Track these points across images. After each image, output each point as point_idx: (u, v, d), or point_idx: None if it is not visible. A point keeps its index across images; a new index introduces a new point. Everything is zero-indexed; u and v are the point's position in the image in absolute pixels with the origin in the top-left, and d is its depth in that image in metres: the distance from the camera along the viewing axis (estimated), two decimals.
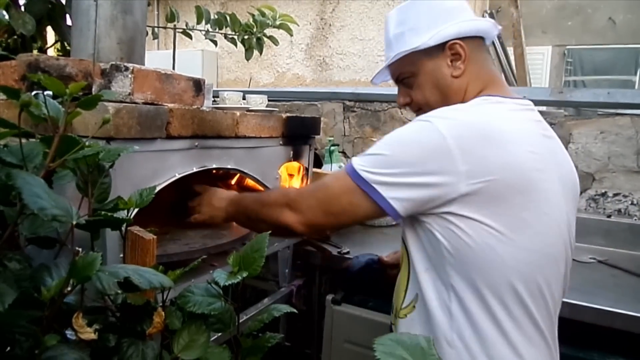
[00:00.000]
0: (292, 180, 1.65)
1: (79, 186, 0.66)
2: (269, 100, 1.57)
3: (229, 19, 1.96)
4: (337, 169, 2.16)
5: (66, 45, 1.76)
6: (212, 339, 0.90)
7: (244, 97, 1.51)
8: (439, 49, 0.95)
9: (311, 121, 1.60)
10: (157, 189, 0.80)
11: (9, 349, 0.51)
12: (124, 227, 0.74)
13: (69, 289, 0.52)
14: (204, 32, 1.99)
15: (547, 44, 6.71)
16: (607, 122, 2.00)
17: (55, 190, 0.55)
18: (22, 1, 1.47)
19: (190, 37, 2.04)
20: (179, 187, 1.14)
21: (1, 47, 1.68)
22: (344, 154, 2.57)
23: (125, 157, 0.72)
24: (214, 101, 1.51)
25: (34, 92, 0.86)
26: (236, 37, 2.00)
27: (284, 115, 1.45)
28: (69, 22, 1.52)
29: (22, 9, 1.45)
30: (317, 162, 2.07)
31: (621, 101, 1.96)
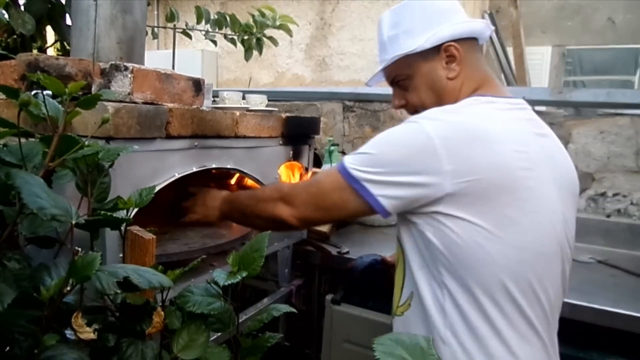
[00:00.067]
0: (291, 180, 1.65)
1: (78, 186, 0.66)
2: (269, 100, 1.57)
3: (228, 19, 1.96)
4: None
5: (66, 44, 1.75)
6: (212, 338, 0.90)
7: (244, 97, 1.51)
8: (434, 51, 0.95)
9: (311, 121, 1.60)
10: (157, 188, 0.80)
11: (8, 348, 0.51)
12: (123, 227, 0.74)
13: (68, 288, 0.52)
14: (203, 32, 1.99)
15: (546, 44, 6.71)
16: (606, 122, 2.00)
17: (54, 189, 0.55)
18: (21, 1, 1.47)
19: (190, 37, 2.03)
20: (178, 187, 1.14)
21: (1, 47, 1.68)
22: (343, 153, 2.57)
23: (124, 156, 0.72)
24: (214, 101, 1.51)
25: (34, 92, 0.86)
26: (236, 37, 2.00)
27: (284, 115, 1.45)
28: (69, 21, 1.52)
29: (22, 8, 1.45)
30: (317, 162, 2.07)
31: (621, 101, 1.96)
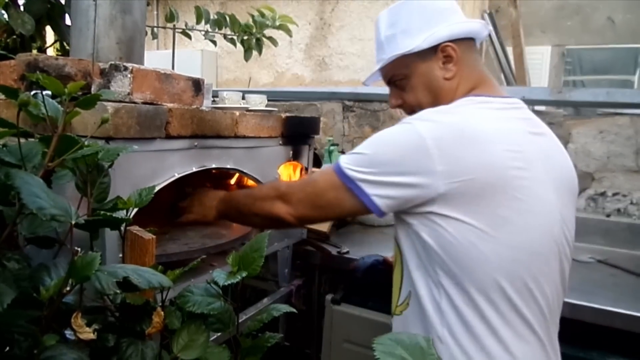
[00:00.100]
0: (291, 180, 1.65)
1: (78, 186, 0.66)
2: (269, 100, 1.57)
3: (228, 19, 1.96)
4: None
5: (65, 45, 1.75)
6: (212, 338, 0.90)
7: (244, 97, 1.51)
8: (432, 52, 0.96)
9: (310, 121, 1.60)
10: (157, 189, 0.80)
11: (8, 348, 0.51)
12: (123, 227, 0.74)
13: (68, 288, 0.52)
14: (203, 33, 1.99)
15: (546, 43, 6.71)
16: (606, 122, 2.00)
17: (54, 190, 0.55)
18: (21, 1, 1.47)
19: (189, 37, 2.03)
20: (178, 187, 1.14)
21: (0, 47, 1.68)
22: (343, 153, 2.56)
23: (124, 156, 0.72)
24: (214, 101, 1.51)
25: (33, 92, 0.86)
26: (235, 37, 2.00)
27: (284, 115, 1.45)
28: (68, 21, 1.52)
29: (22, 8, 1.45)
30: (317, 162, 2.07)
31: (620, 101, 1.96)
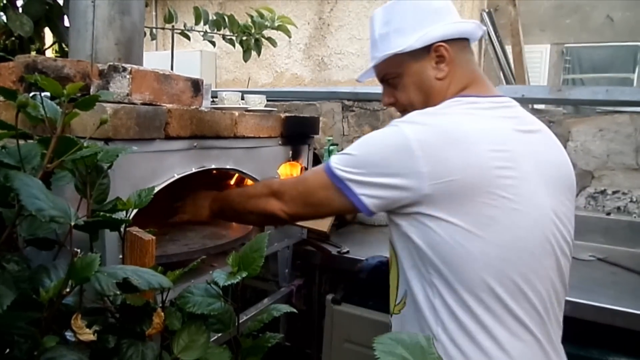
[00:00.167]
0: None
1: (77, 187, 0.66)
2: (268, 100, 1.57)
3: (227, 20, 1.96)
4: None
5: (64, 46, 1.75)
6: (212, 339, 0.90)
7: (243, 97, 1.51)
8: (424, 51, 0.96)
9: (310, 121, 1.60)
10: (156, 189, 0.80)
11: (8, 350, 0.51)
12: (122, 228, 0.74)
13: (68, 290, 0.52)
14: (202, 33, 1.99)
15: (545, 42, 6.71)
16: (605, 120, 2.00)
17: (54, 191, 0.55)
18: (19, 2, 1.47)
19: (188, 38, 2.03)
20: (178, 188, 1.14)
21: None
22: None
23: (123, 157, 0.72)
24: (213, 101, 1.51)
25: (32, 94, 0.86)
26: (234, 38, 2.00)
27: (283, 115, 1.45)
28: (67, 23, 1.52)
29: (20, 10, 1.45)
30: (316, 162, 2.06)
31: (620, 99, 1.96)
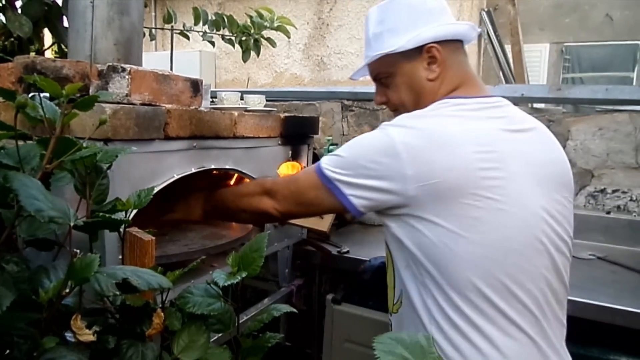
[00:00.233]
0: None
1: (76, 188, 0.66)
2: (267, 100, 1.56)
3: (226, 20, 1.96)
4: None
5: (63, 47, 1.75)
6: (212, 339, 0.90)
7: (242, 98, 1.51)
8: (417, 52, 0.96)
9: (309, 121, 1.60)
10: (156, 190, 0.80)
11: (8, 351, 0.51)
12: (122, 229, 0.74)
13: (67, 290, 0.52)
14: (201, 33, 1.98)
15: (544, 41, 6.71)
16: (605, 119, 2.00)
17: (53, 192, 0.55)
18: (18, 3, 1.47)
19: (187, 38, 2.03)
20: (178, 188, 1.14)
21: None
22: None
23: (123, 158, 0.72)
24: (212, 102, 1.51)
25: (31, 94, 0.86)
26: (233, 38, 2.00)
27: (282, 115, 1.45)
28: (66, 23, 1.52)
29: (19, 11, 1.45)
30: (316, 162, 2.07)
31: (619, 97, 1.96)
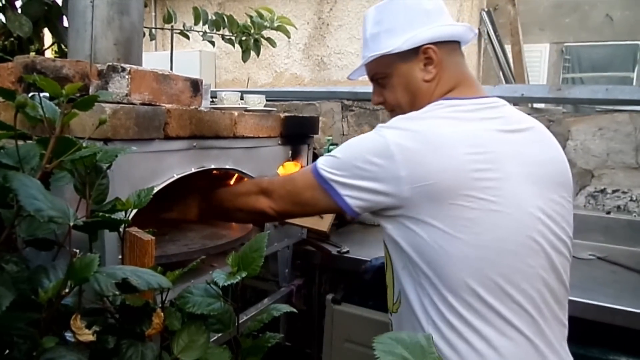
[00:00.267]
0: None
1: (76, 187, 0.66)
2: (267, 100, 1.56)
3: (226, 20, 1.96)
4: None
5: (63, 47, 1.75)
6: (212, 339, 0.90)
7: (242, 97, 1.51)
8: (413, 53, 0.96)
9: (309, 121, 1.60)
10: (156, 190, 0.80)
11: (8, 351, 0.50)
12: (122, 228, 0.74)
13: (67, 290, 0.52)
14: (201, 33, 1.98)
15: (544, 41, 6.71)
16: (605, 119, 2.00)
17: (53, 192, 0.55)
18: (18, 3, 1.46)
19: (187, 38, 2.03)
20: (177, 188, 1.14)
21: None
22: None
23: (123, 158, 0.72)
24: (212, 101, 1.51)
25: (31, 94, 0.86)
26: (233, 38, 2.00)
27: (282, 115, 1.45)
28: (66, 23, 1.52)
29: (19, 10, 1.45)
30: None
31: (619, 98, 1.96)
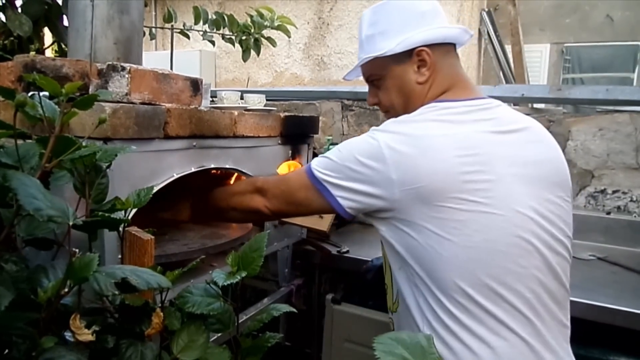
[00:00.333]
0: None
1: (76, 187, 0.66)
2: (267, 99, 1.56)
3: (226, 19, 1.96)
4: None
5: (63, 46, 1.75)
6: (212, 339, 0.89)
7: (242, 97, 1.51)
8: (407, 55, 0.97)
9: (309, 120, 1.60)
10: (155, 189, 0.80)
11: (7, 351, 0.50)
12: (121, 228, 0.73)
13: (66, 290, 0.52)
14: (201, 33, 1.98)
15: (545, 41, 6.71)
16: (605, 119, 2.00)
17: (52, 191, 0.55)
18: (18, 2, 1.46)
19: (188, 37, 2.03)
20: (177, 188, 1.14)
21: None
22: None
23: (122, 157, 0.72)
24: (212, 101, 1.51)
25: (31, 93, 0.85)
26: (234, 37, 2.00)
27: (282, 114, 1.45)
28: (66, 22, 1.52)
29: (19, 10, 1.45)
30: None
31: (619, 98, 1.96)
